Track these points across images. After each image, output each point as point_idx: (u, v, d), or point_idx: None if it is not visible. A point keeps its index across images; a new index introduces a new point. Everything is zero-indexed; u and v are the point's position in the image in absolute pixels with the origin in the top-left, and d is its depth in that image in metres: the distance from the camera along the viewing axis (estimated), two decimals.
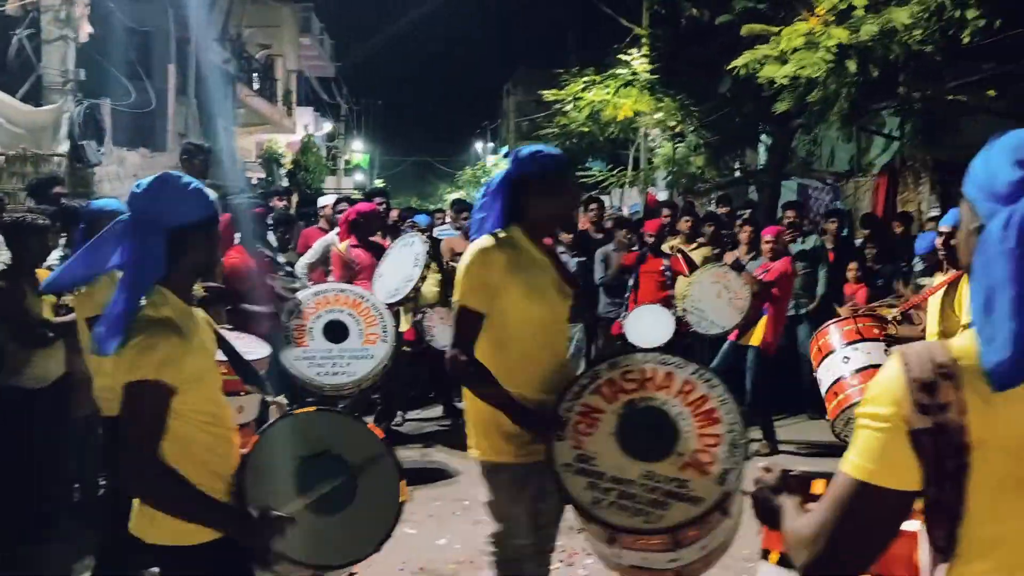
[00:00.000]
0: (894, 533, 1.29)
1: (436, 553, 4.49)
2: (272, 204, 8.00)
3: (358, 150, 43.51)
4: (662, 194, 14.41)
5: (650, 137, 13.66)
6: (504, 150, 39.37)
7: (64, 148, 9.55)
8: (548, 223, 2.87)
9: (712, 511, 2.34)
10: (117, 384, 2.06)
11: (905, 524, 1.30)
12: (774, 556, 1.91)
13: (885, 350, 4.79)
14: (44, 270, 4.48)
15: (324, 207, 8.99)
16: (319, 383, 5.20)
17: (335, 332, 5.29)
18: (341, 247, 6.19)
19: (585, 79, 11.96)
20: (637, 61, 11.80)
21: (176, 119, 14.87)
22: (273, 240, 6.56)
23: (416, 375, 7.55)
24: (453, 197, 19.27)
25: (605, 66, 12.51)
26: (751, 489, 1.64)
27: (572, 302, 2.86)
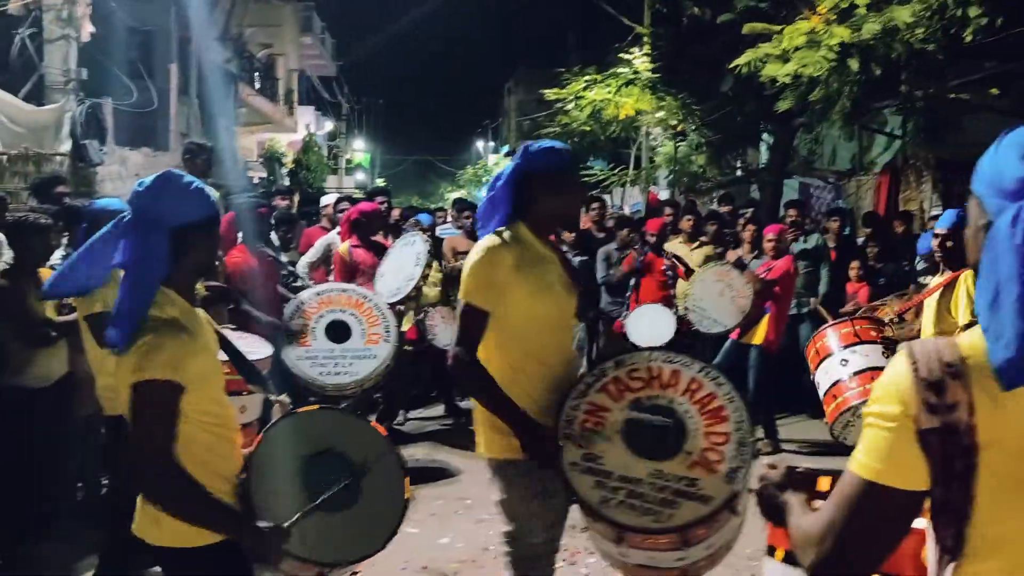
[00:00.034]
0: (903, 533, 1.28)
1: (438, 552, 4.49)
2: (275, 204, 8.00)
3: (359, 149, 43.53)
4: (663, 193, 14.40)
5: (652, 136, 13.65)
6: (505, 149, 39.33)
7: (66, 147, 9.57)
8: (554, 220, 2.82)
9: (721, 510, 2.32)
10: (124, 385, 2.04)
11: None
12: (780, 553, 1.89)
13: (883, 352, 4.78)
14: (47, 269, 4.49)
15: (326, 206, 8.98)
16: (321, 383, 5.19)
17: (337, 332, 5.28)
18: (343, 248, 6.19)
19: (586, 78, 11.96)
20: (639, 60, 11.81)
21: (178, 118, 14.88)
22: (276, 239, 6.55)
23: (418, 374, 7.54)
24: (454, 196, 19.25)
25: (606, 65, 12.52)
26: (756, 486, 1.62)
27: (578, 299, 2.83)
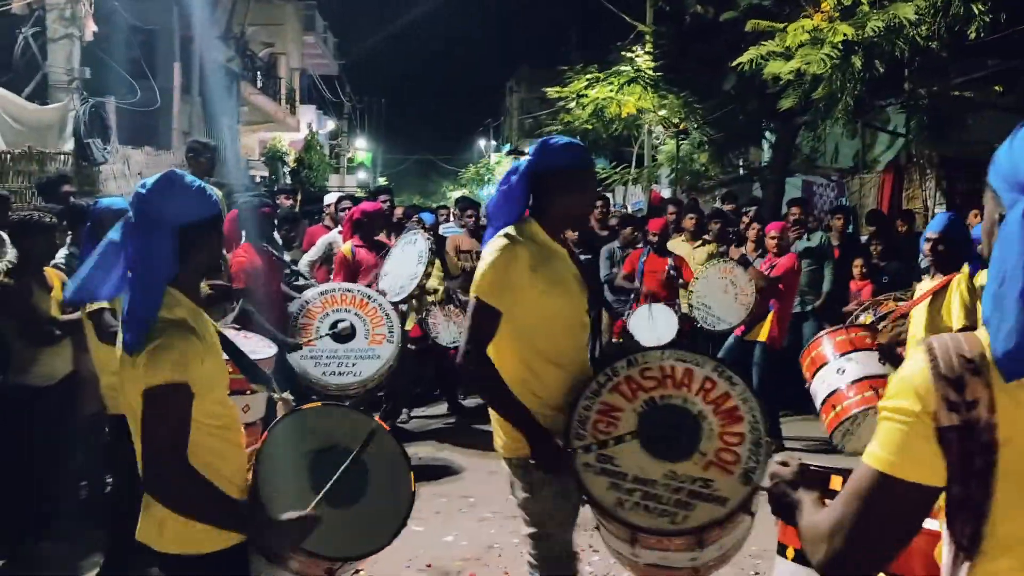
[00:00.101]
0: (915, 530, 1.25)
1: (443, 550, 4.49)
2: (279, 203, 8.00)
3: (361, 148, 43.57)
4: (666, 191, 14.38)
5: (654, 134, 13.65)
6: (507, 147, 39.36)
7: (69, 146, 9.58)
8: (568, 218, 2.76)
9: (737, 511, 2.29)
10: (134, 387, 2.01)
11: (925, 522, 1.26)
12: (791, 552, 1.87)
13: (879, 359, 4.75)
14: (51, 268, 4.50)
15: (328, 205, 8.99)
16: (325, 383, 5.19)
17: (341, 334, 5.28)
18: (346, 248, 6.18)
19: (588, 76, 11.95)
20: (641, 58, 11.79)
21: (180, 117, 14.88)
22: (279, 238, 6.55)
23: (421, 372, 7.55)
24: (457, 195, 19.24)
25: (608, 63, 12.50)
26: (767, 484, 1.60)
27: (590, 295, 2.77)
